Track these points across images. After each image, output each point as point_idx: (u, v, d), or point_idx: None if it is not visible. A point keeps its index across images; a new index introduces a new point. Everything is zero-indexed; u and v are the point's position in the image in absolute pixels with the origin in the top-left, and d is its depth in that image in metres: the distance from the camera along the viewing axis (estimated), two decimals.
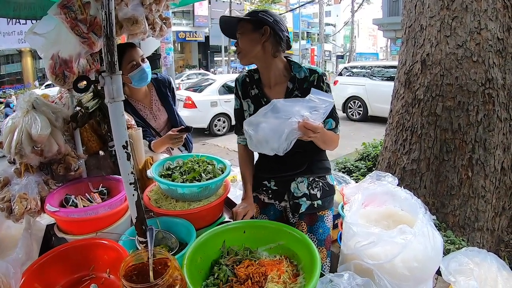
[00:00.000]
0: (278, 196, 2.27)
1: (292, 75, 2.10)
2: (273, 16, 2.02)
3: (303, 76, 2.09)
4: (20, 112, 1.91)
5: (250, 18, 2.03)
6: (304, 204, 2.20)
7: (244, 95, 2.25)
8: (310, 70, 2.11)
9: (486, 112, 3.56)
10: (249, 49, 2.06)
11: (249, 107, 2.22)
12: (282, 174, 2.21)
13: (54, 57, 1.99)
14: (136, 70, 2.66)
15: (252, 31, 2.02)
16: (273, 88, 2.15)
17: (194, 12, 36.81)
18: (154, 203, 2.00)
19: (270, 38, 2.01)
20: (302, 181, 2.20)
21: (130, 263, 1.27)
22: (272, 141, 1.74)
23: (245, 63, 2.11)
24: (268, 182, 2.28)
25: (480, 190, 3.63)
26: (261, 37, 2.02)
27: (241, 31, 2.06)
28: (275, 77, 2.13)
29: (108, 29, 1.18)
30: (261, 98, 2.16)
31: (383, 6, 24.40)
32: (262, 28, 2.00)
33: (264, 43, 2.03)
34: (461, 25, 3.63)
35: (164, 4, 2.20)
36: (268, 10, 2.08)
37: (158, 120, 3.01)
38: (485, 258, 1.81)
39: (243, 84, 2.25)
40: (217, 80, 12.97)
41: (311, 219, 2.24)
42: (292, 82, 2.09)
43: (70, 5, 1.82)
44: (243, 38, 2.06)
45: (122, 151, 1.27)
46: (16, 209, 1.79)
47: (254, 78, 2.22)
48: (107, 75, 1.23)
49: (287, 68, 2.14)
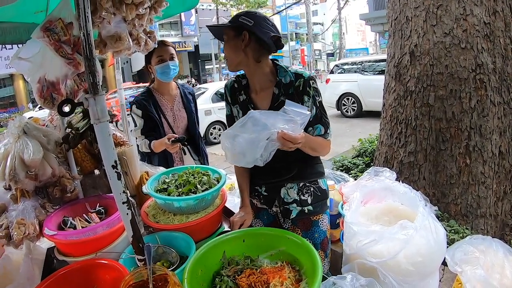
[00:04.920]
0: (269, 202, 2.27)
1: (278, 80, 2.06)
2: (254, 18, 1.95)
3: (288, 81, 2.05)
4: (11, 138, 1.90)
5: (230, 25, 2.01)
6: (294, 210, 2.18)
7: (233, 101, 2.24)
8: (296, 74, 2.05)
9: (479, 98, 3.56)
10: (233, 56, 2.04)
11: (238, 113, 2.21)
12: (271, 180, 2.19)
13: (41, 80, 1.98)
14: (161, 64, 3.05)
15: (233, 37, 2.00)
16: (259, 94, 2.12)
17: (182, 23, 36.87)
18: (152, 219, 1.99)
19: (250, 43, 1.97)
20: (292, 187, 2.17)
21: (130, 281, 1.26)
22: (249, 154, 1.72)
23: (232, 69, 2.09)
24: (259, 188, 2.28)
25: (479, 177, 3.62)
26: (242, 43, 1.98)
27: (225, 38, 2.04)
28: (260, 83, 2.10)
29: (87, 50, 1.18)
30: (248, 104, 2.14)
31: (368, 0, 24.43)
32: (241, 33, 1.97)
33: (245, 49, 1.98)
34: (447, 13, 3.63)
35: (147, 18, 2.19)
36: (251, 12, 2.03)
37: (177, 121, 3.21)
38: (490, 244, 1.80)
39: (232, 89, 2.23)
40: (209, 88, 12.95)
41: (305, 225, 2.21)
42: (277, 87, 2.05)
43: (53, 28, 1.81)
44: (226, 45, 2.05)
45: (112, 171, 1.26)
46: (14, 235, 1.77)
47: (242, 83, 2.20)
48: (90, 97, 1.23)
49: (273, 73, 2.10)
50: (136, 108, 3.06)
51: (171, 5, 2.32)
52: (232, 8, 34.71)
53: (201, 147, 3.34)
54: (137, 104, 3.07)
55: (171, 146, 2.85)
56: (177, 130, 3.19)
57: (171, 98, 3.24)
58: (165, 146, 2.88)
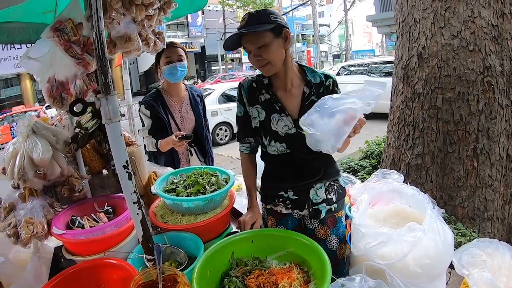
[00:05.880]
0: (299, 205, 2.19)
1: (307, 80, 2.08)
2: (280, 16, 1.96)
3: (318, 81, 2.08)
4: (20, 137, 1.92)
5: (272, 26, 1.89)
6: (323, 209, 2.17)
7: (251, 102, 2.16)
8: (325, 75, 2.11)
9: (487, 100, 3.55)
10: (278, 58, 1.97)
11: (259, 113, 2.13)
12: (302, 182, 2.14)
13: (50, 80, 2.00)
14: (168, 65, 3.06)
15: (274, 38, 1.92)
16: (289, 92, 2.10)
17: (189, 24, 36.98)
18: (160, 219, 1.99)
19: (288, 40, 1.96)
20: (320, 187, 2.16)
21: (140, 281, 1.27)
22: (332, 138, 1.69)
23: (272, 72, 2.02)
24: (285, 192, 2.18)
25: (487, 180, 3.60)
26: (284, 43, 1.96)
27: (263, 42, 1.91)
28: (292, 81, 2.09)
29: (100, 51, 1.18)
30: (274, 103, 2.09)
31: (375, 2, 24.32)
32: (281, 32, 1.94)
33: (287, 48, 1.98)
34: (455, 15, 3.62)
35: (156, 19, 2.20)
36: (273, 11, 1.98)
37: (185, 123, 3.22)
38: (497, 248, 1.79)
39: (250, 90, 2.16)
40: (215, 89, 12.94)
41: (332, 222, 2.22)
42: (308, 87, 2.07)
43: (63, 28, 1.82)
44: (267, 49, 1.92)
45: (123, 171, 1.27)
46: (23, 234, 1.78)
47: (263, 83, 2.14)
48: (102, 97, 1.23)
49: (300, 72, 2.12)
50: (144, 108, 3.08)
51: (179, 6, 2.33)
52: (239, 9, 34.74)
53: (207, 149, 3.36)
54: (145, 105, 3.08)
55: (178, 143, 2.85)
56: (184, 131, 3.17)
57: (180, 100, 3.24)
58: (172, 144, 2.88)
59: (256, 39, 1.91)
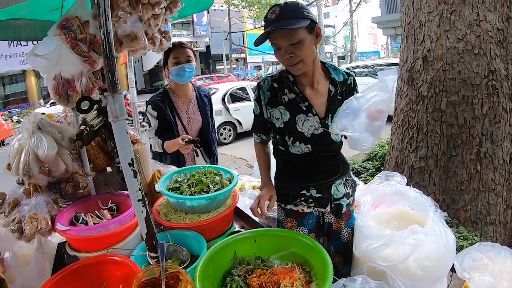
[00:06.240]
0: (322, 202, 2.17)
1: (332, 78, 2.05)
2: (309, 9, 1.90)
3: (342, 79, 2.08)
4: (26, 133, 1.93)
5: (308, 23, 1.82)
6: (344, 204, 2.18)
7: (272, 104, 2.08)
8: (346, 73, 2.11)
9: (491, 104, 3.54)
10: (310, 55, 1.90)
11: (282, 114, 2.06)
12: (324, 180, 2.12)
13: (56, 77, 2.01)
14: (176, 66, 3.05)
15: (307, 35, 1.84)
16: (315, 90, 2.05)
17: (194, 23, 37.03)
18: (163, 217, 2.00)
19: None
20: (340, 183, 2.18)
21: (143, 278, 1.27)
22: (370, 135, 1.68)
23: (301, 72, 1.95)
24: (307, 191, 2.14)
25: (490, 184, 3.60)
26: (316, 39, 1.90)
27: (298, 38, 1.82)
28: (318, 77, 2.05)
29: (107, 49, 1.19)
30: (301, 103, 2.02)
31: (381, 4, 24.29)
32: (314, 29, 1.87)
33: (317, 44, 1.92)
34: (460, 18, 3.61)
35: (162, 18, 2.21)
36: (302, 4, 1.91)
37: (191, 124, 3.22)
38: (499, 252, 1.80)
39: (272, 91, 2.07)
40: (220, 89, 12.95)
41: (347, 216, 2.23)
42: (333, 85, 2.05)
43: (69, 25, 1.83)
44: (303, 46, 1.84)
45: (129, 168, 1.28)
46: (27, 229, 1.80)
47: (288, 80, 2.05)
48: (109, 95, 1.24)
49: (323, 69, 2.09)
50: (151, 109, 3.08)
51: (185, 5, 2.34)
52: (244, 9, 34.76)
53: (213, 150, 3.36)
54: (152, 105, 3.08)
55: (184, 147, 2.86)
56: (191, 132, 3.19)
57: (187, 100, 3.24)
58: (178, 147, 2.89)
59: (290, 35, 1.81)
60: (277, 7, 1.84)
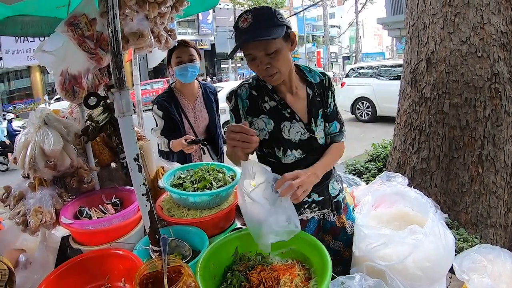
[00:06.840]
0: (324, 204, 2.12)
1: (308, 81, 1.96)
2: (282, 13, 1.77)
3: (318, 80, 1.97)
4: (32, 128, 1.95)
5: (284, 33, 1.69)
6: (341, 199, 2.17)
7: (253, 113, 1.94)
8: (322, 73, 2.02)
9: (494, 107, 3.54)
10: (288, 64, 1.78)
11: (266, 124, 1.93)
12: (323, 183, 2.03)
13: (63, 73, 2.04)
14: (179, 66, 3.04)
15: (284, 43, 1.72)
16: (295, 95, 1.94)
17: (199, 21, 37.02)
18: (166, 212, 2.02)
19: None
20: (334, 181, 2.16)
21: (145, 271, 1.29)
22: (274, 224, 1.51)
23: (279, 82, 1.84)
24: (308, 197, 2.05)
25: (491, 186, 3.60)
26: (291, 45, 1.78)
27: (275, 48, 1.68)
28: (296, 82, 1.95)
29: (115, 46, 1.22)
30: (283, 110, 1.92)
31: (387, 5, 24.19)
32: (289, 35, 1.74)
33: (292, 51, 1.80)
34: (464, 20, 3.62)
35: (168, 17, 2.24)
36: (274, 9, 1.74)
37: (198, 121, 3.22)
38: (499, 255, 1.81)
39: (251, 99, 1.94)
40: (224, 87, 12.93)
41: (345, 209, 2.22)
42: (310, 88, 1.95)
43: (77, 23, 1.86)
44: (279, 55, 1.70)
45: (134, 163, 1.30)
46: (31, 222, 1.83)
47: (266, 88, 1.93)
48: (116, 91, 1.27)
49: (298, 72, 1.98)
50: (157, 109, 3.07)
51: (191, 4, 2.36)
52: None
53: (220, 146, 3.34)
54: (158, 105, 3.07)
55: (187, 147, 2.87)
56: (198, 130, 3.19)
57: (193, 98, 3.23)
58: (181, 147, 2.89)
59: (267, 45, 1.66)
60: (249, 14, 1.68)
